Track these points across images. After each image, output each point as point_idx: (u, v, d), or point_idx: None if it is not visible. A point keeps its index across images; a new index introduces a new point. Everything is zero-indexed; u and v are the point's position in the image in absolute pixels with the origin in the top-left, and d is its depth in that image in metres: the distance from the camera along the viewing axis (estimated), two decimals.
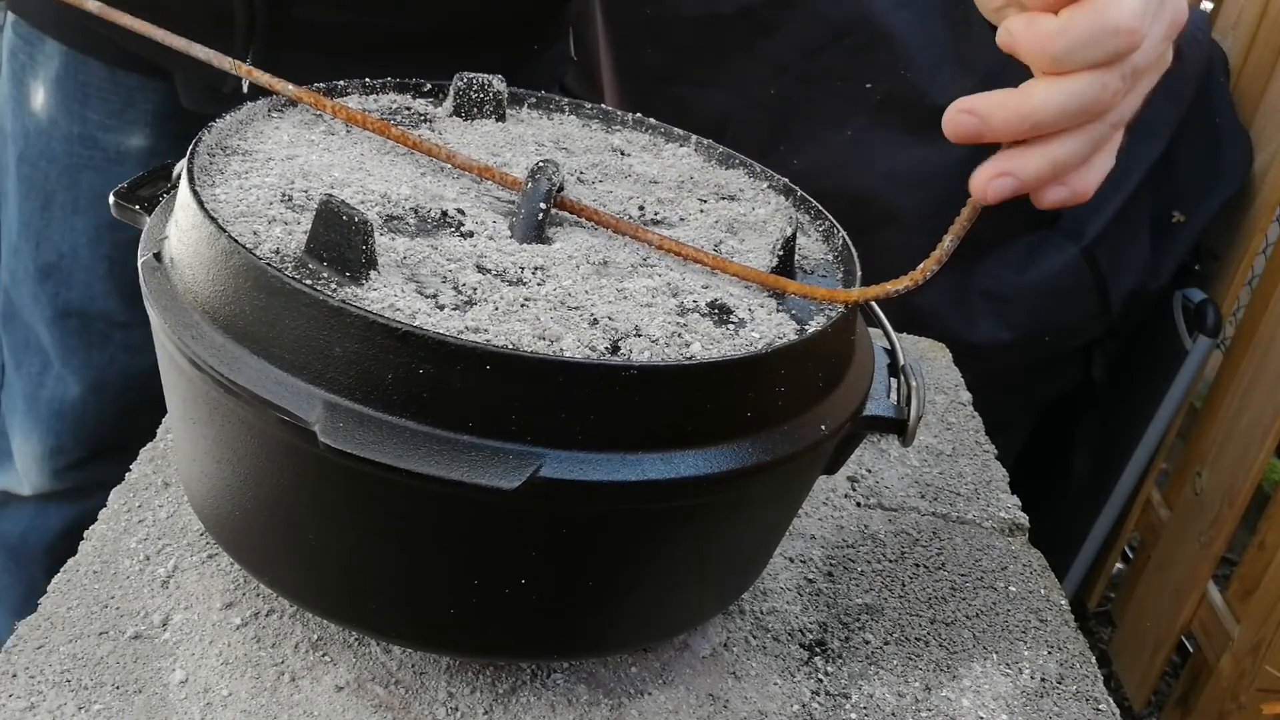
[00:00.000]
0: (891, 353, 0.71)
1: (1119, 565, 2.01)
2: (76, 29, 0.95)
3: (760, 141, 1.51)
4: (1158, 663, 1.78)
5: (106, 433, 1.09)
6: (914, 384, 0.66)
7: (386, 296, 0.54)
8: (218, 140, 0.67)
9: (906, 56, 1.48)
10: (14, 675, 0.62)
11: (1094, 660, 0.76)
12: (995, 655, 0.75)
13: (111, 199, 0.69)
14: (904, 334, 1.14)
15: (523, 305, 0.56)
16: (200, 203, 0.58)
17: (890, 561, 0.82)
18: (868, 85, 1.50)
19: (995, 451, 0.98)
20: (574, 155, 0.76)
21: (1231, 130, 1.64)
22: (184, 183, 0.60)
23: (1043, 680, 0.74)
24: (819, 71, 1.51)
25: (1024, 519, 0.89)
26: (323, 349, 0.52)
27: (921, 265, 0.58)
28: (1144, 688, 1.81)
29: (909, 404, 0.66)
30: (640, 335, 0.56)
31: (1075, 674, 0.75)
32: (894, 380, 0.70)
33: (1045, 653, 0.76)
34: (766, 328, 0.60)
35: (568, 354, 0.53)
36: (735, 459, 0.56)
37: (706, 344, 0.57)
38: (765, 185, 0.78)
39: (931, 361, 1.11)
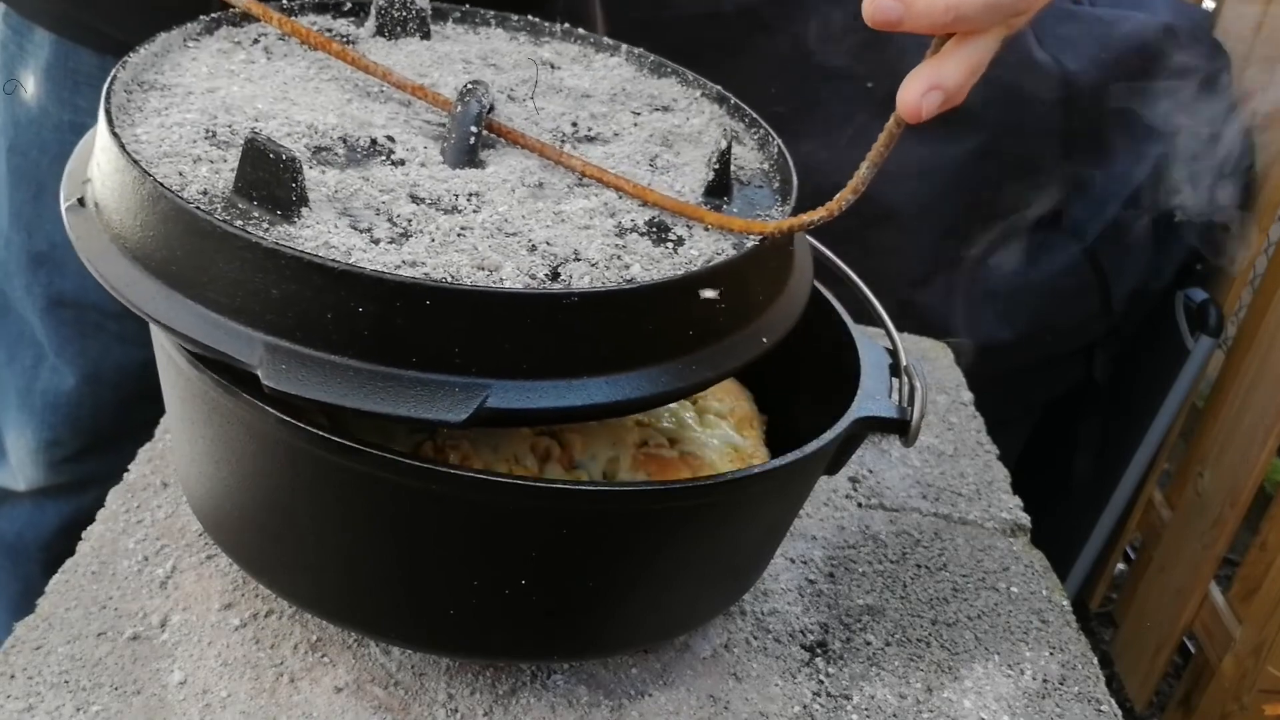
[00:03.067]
0: (893, 353, 0.71)
1: (1121, 566, 2.01)
2: (65, 18, 0.95)
3: None
4: (1159, 663, 1.78)
5: (102, 425, 1.09)
6: (916, 384, 0.66)
7: (320, 234, 0.53)
8: (134, 76, 0.64)
9: (907, 56, 1.48)
10: (12, 676, 0.62)
11: (1096, 661, 0.76)
12: (997, 656, 0.75)
13: None
14: (905, 334, 1.14)
15: (459, 235, 0.55)
16: (121, 145, 0.56)
17: (892, 562, 0.82)
18: (869, 84, 1.50)
19: (997, 452, 0.97)
20: (503, 71, 0.74)
21: (1232, 130, 1.64)
22: (102, 123, 0.58)
23: (1044, 681, 0.73)
24: (819, 71, 1.50)
25: (1025, 519, 0.89)
26: (260, 292, 0.51)
27: (838, 195, 0.58)
28: (1146, 688, 1.80)
29: (911, 404, 0.66)
30: (579, 259, 0.55)
31: (1077, 675, 0.74)
32: (896, 380, 0.69)
33: (1047, 653, 0.76)
34: (705, 244, 0.59)
35: (508, 284, 0.52)
36: (679, 377, 0.55)
37: (646, 265, 0.56)
38: (699, 94, 0.76)
39: (933, 361, 1.11)
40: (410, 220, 0.56)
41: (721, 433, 0.73)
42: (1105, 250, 1.58)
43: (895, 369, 0.70)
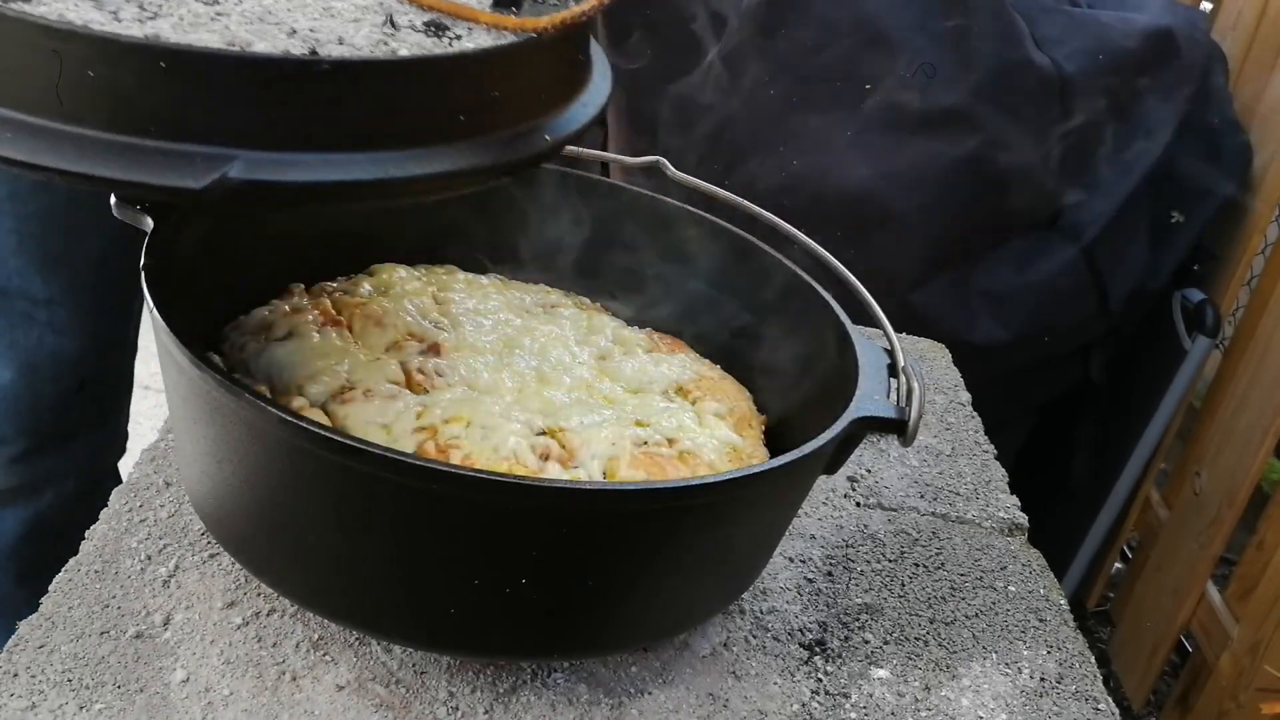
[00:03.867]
0: (891, 353, 0.71)
1: (1118, 565, 2.01)
2: None
3: (760, 141, 1.51)
4: (1156, 662, 1.78)
5: (44, 422, 1.09)
6: (914, 385, 0.66)
7: (56, 10, 0.50)
8: None
9: (907, 57, 1.48)
10: (15, 675, 0.62)
11: (1093, 660, 0.76)
12: (995, 655, 0.75)
13: (113, 199, 0.68)
14: (904, 334, 1.14)
15: (213, 19, 0.53)
16: None
17: (890, 561, 0.82)
18: (867, 85, 1.50)
19: (994, 451, 0.98)
20: None
21: (1230, 131, 1.64)
22: None
23: (1042, 680, 0.74)
24: (819, 71, 1.51)
25: (1023, 519, 0.89)
26: None
27: None
28: (1143, 687, 1.81)
29: (909, 404, 0.66)
30: (343, 44, 0.53)
31: (1074, 673, 0.75)
32: (894, 381, 0.70)
33: (1044, 652, 0.76)
34: (483, 39, 0.58)
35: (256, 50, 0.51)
36: (448, 160, 0.54)
37: (415, 52, 0.54)
38: None
39: (931, 362, 1.11)
40: (161, 4, 0.53)
41: (720, 433, 0.74)
42: (1102, 251, 1.59)
43: (893, 369, 0.70)
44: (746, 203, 0.81)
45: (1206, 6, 1.84)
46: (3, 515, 1.14)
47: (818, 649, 0.73)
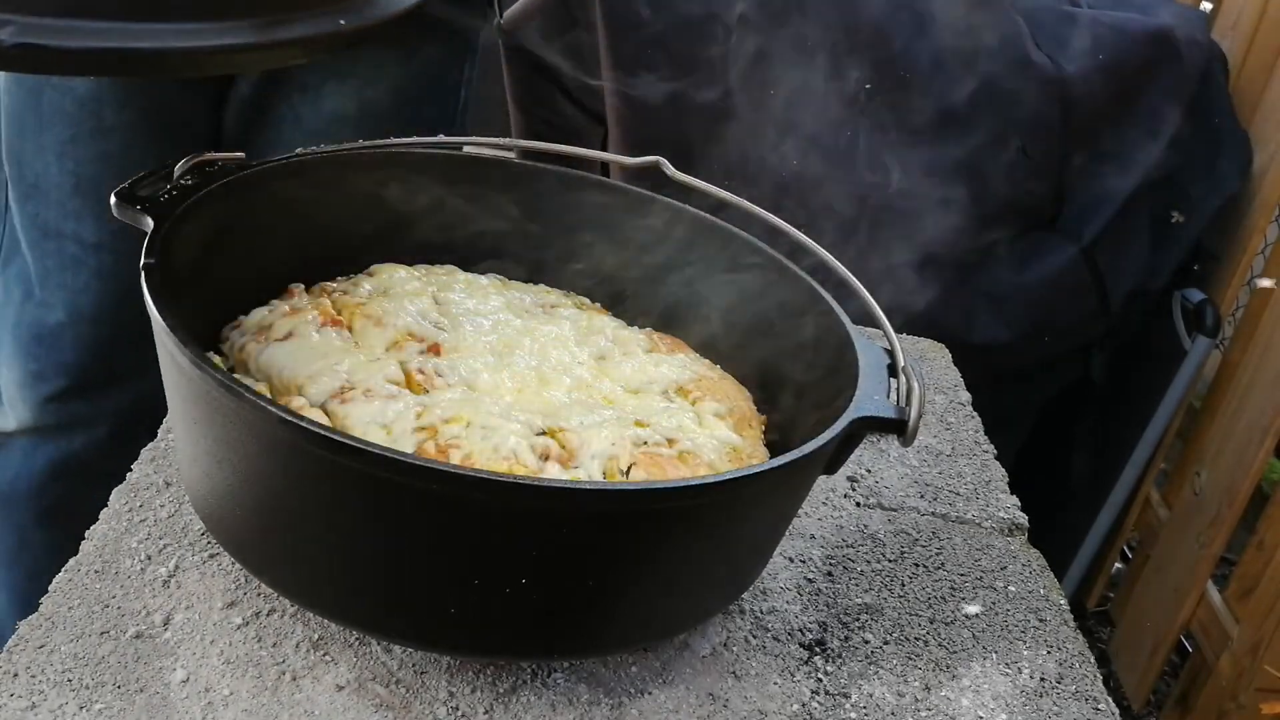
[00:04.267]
0: (891, 353, 0.71)
1: (1118, 565, 2.02)
2: None
3: (761, 142, 1.51)
4: (1157, 662, 1.78)
5: (85, 363, 1.12)
6: (914, 384, 0.66)
7: None
8: None
9: (907, 57, 1.48)
10: (15, 675, 0.62)
11: (1093, 660, 0.76)
12: (994, 655, 0.75)
13: (112, 199, 0.69)
14: (904, 334, 1.14)
15: None
16: None
17: (890, 561, 0.82)
18: (867, 85, 1.50)
19: (994, 451, 0.98)
20: None
21: (1230, 131, 1.64)
22: None
23: (1042, 680, 0.74)
24: (819, 72, 1.51)
25: (1023, 519, 0.89)
26: None
27: None
28: (1143, 687, 1.81)
29: (909, 404, 0.66)
30: None
31: (1074, 673, 0.75)
32: (894, 380, 0.70)
33: (1044, 652, 0.76)
34: None
35: None
36: (231, 35, 0.55)
37: None
38: None
39: (931, 361, 1.11)
40: None
41: (720, 433, 0.74)
42: (1102, 251, 1.59)
43: (893, 369, 0.70)
44: (747, 203, 0.81)
45: (1206, 6, 1.84)
46: (33, 453, 1.17)
47: (818, 649, 0.73)
